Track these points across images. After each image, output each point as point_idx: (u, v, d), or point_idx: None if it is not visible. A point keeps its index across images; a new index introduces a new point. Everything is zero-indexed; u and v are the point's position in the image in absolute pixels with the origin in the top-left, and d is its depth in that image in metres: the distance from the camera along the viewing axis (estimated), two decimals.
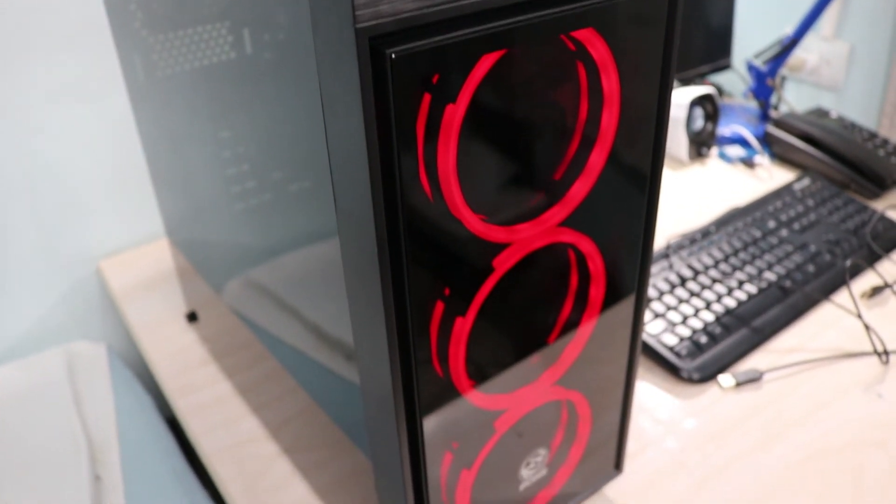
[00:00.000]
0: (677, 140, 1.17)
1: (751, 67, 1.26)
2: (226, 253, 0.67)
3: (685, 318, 0.81)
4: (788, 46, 1.20)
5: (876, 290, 0.87)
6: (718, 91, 1.35)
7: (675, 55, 0.44)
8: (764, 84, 1.25)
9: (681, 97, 1.16)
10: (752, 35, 1.43)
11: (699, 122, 1.19)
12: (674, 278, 0.87)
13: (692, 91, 1.17)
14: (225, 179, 0.58)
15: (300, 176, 0.45)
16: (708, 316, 0.82)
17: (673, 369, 0.77)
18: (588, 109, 0.42)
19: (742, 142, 1.22)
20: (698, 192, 1.11)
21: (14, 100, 0.88)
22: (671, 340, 0.78)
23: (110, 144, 0.96)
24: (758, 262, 0.90)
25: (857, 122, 1.17)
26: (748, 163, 1.18)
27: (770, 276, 0.88)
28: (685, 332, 0.79)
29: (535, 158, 0.41)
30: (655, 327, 0.80)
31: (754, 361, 0.79)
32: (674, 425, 0.72)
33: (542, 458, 0.55)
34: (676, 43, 0.44)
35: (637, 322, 0.55)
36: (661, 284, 0.86)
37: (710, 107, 1.18)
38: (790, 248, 0.93)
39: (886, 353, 0.78)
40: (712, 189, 1.12)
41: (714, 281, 0.87)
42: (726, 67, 1.35)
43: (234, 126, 0.52)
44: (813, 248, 0.93)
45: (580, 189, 0.44)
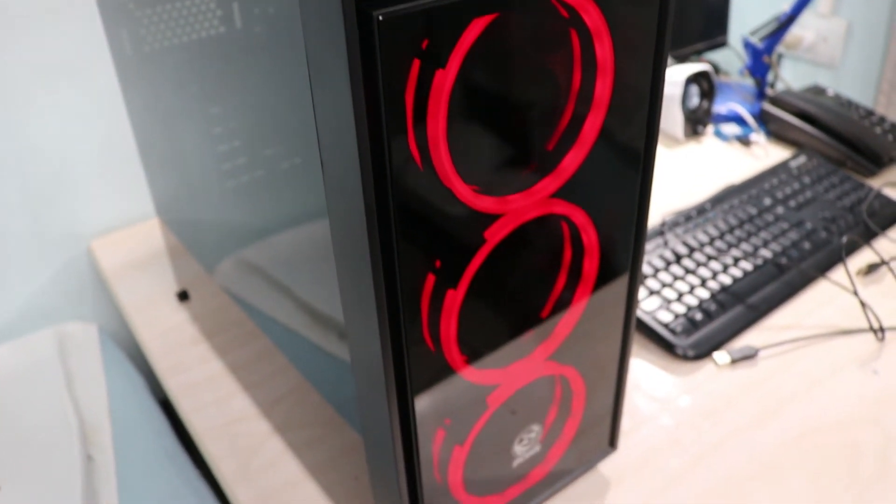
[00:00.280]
0: (673, 117, 1.16)
1: (747, 45, 1.25)
2: (216, 231, 0.66)
3: (680, 295, 0.81)
4: (785, 23, 1.19)
5: (872, 267, 0.87)
6: (715, 68, 1.34)
7: (671, 24, 0.43)
8: (760, 61, 1.24)
9: (677, 74, 1.15)
10: (749, 12, 1.42)
11: (695, 100, 1.18)
12: (669, 255, 0.86)
13: (688, 68, 1.16)
14: (215, 156, 0.57)
15: (290, 152, 0.44)
16: (703, 293, 0.81)
17: (668, 346, 0.76)
18: (581, 78, 0.41)
19: (738, 119, 1.21)
20: (694, 170, 1.11)
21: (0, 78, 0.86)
22: (666, 317, 0.78)
23: (100, 123, 0.95)
24: (753, 239, 0.90)
25: (854, 100, 1.16)
26: (744, 140, 1.17)
27: (766, 253, 0.87)
28: (680, 309, 0.79)
29: (527, 128, 0.40)
30: (650, 304, 0.80)
31: (750, 338, 0.79)
32: (669, 402, 0.72)
33: (536, 435, 0.55)
34: (672, 12, 0.43)
35: (631, 297, 0.54)
36: (657, 261, 0.85)
37: (706, 84, 1.18)
38: (786, 226, 0.92)
39: (882, 330, 0.78)
40: (708, 167, 1.12)
41: (709, 258, 0.86)
42: (723, 45, 1.34)
43: (225, 101, 0.51)
44: (809, 226, 0.92)
45: (573, 160, 0.43)
